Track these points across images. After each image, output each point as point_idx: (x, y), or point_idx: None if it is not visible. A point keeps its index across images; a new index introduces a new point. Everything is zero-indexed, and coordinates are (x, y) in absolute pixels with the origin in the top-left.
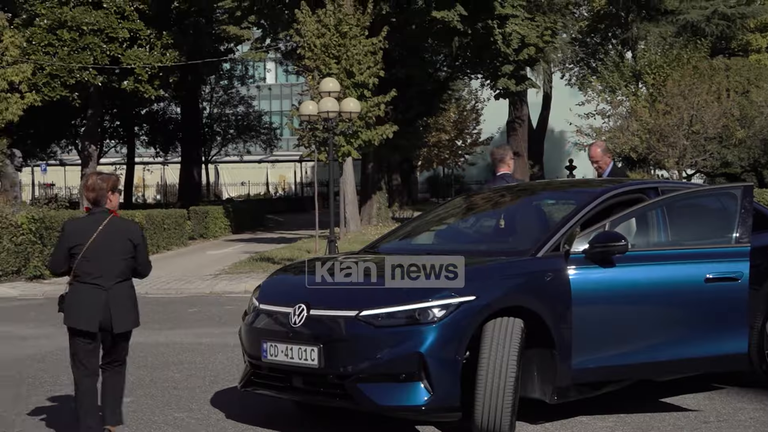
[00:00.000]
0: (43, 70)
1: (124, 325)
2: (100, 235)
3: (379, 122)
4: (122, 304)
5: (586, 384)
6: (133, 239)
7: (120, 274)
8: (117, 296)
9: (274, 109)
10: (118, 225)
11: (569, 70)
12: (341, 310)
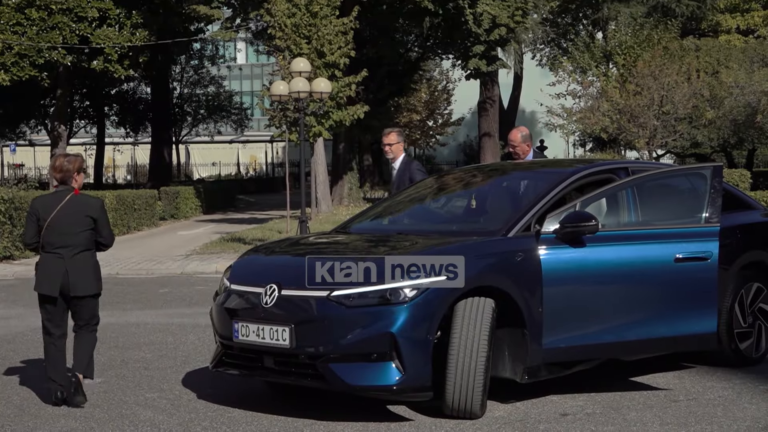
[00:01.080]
0: (11, 50)
1: (82, 289)
2: (61, 210)
3: (350, 102)
4: (80, 270)
5: (557, 363)
6: (92, 214)
7: (80, 244)
8: (76, 264)
9: (244, 90)
10: (78, 201)
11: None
12: (312, 290)
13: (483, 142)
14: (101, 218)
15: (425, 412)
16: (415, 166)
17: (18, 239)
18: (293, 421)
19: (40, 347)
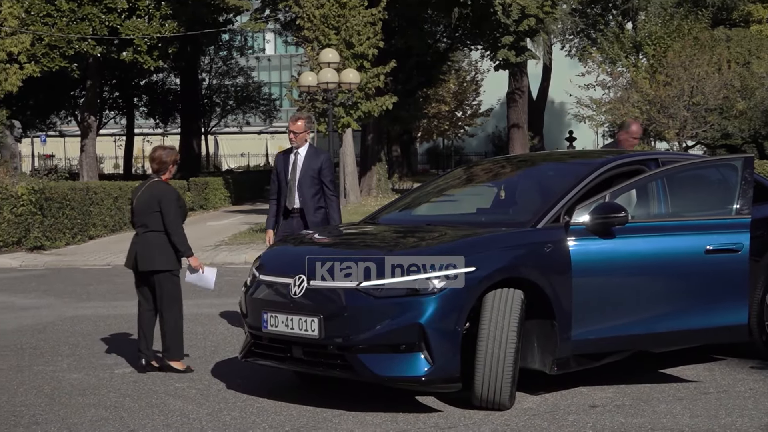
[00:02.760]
0: (41, 41)
1: (142, 265)
2: (142, 194)
3: (379, 93)
4: (146, 248)
5: (586, 355)
6: (160, 199)
7: (149, 224)
8: (143, 242)
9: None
10: (155, 186)
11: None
12: (341, 281)
13: (512, 133)
14: (165, 205)
15: (454, 403)
16: (326, 158)
17: (48, 230)
18: (322, 411)
19: (70, 337)
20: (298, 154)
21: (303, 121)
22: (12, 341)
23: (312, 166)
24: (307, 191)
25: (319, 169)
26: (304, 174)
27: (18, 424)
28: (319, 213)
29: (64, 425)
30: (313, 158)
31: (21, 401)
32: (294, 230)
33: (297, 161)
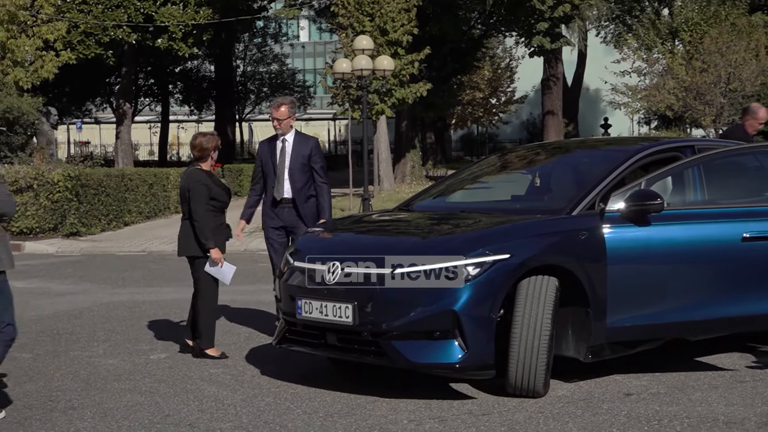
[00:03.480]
0: (77, 28)
1: (181, 250)
2: (180, 182)
3: (413, 80)
4: (183, 235)
5: (621, 342)
6: (190, 188)
7: (185, 212)
8: (183, 229)
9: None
10: (189, 175)
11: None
12: (375, 267)
13: (546, 120)
14: (193, 193)
15: (488, 390)
16: (315, 144)
17: (84, 216)
18: (356, 397)
19: (106, 322)
20: (285, 141)
21: (286, 106)
22: (48, 327)
23: (302, 153)
24: (298, 180)
25: (309, 156)
26: (294, 162)
27: (54, 408)
28: (311, 202)
29: (100, 410)
30: (302, 144)
31: (57, 386)
32: (285, 221)
33: (285, 149)
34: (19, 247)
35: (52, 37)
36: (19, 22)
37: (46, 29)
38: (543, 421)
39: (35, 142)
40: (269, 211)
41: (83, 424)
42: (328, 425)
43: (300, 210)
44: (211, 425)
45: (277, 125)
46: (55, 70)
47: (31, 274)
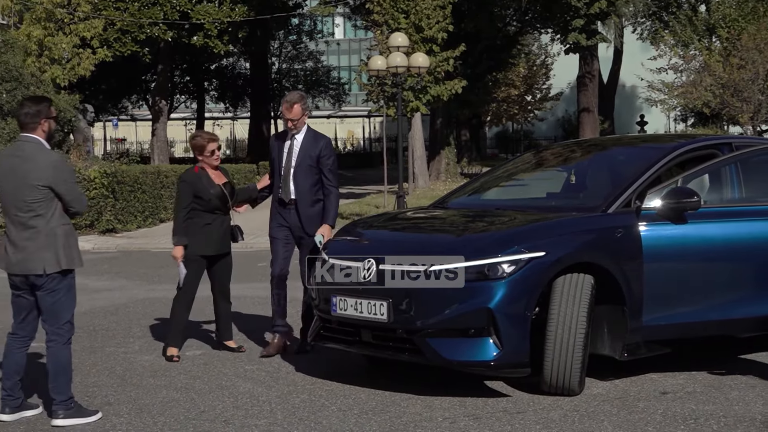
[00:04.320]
0: (114, 26)
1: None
2: None
3: (448, 77)
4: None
5: (657, 341)
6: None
7: None
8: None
9: (342, 65)
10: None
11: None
12: (410, 264)
13: (582, 117)
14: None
15: (523, 388)
16: (326, 144)
17: (120, 213)
18: (390, 394)
19: (142, 319)
20: (294, 138)
21: (299, 105)
22: (85, 323)
23: (310, 153)
24: (302, 181)
25: (318, 157)
26: (301, 162)
27: (90, 404)
28: (317, 206)
29: (136, 406)
30: (311, 144)
31: (94, 382)
32: (291, 225)
33: (293, 147)
34: None
35: (88, 34)
36: (56, 20)
37: (83, 27)
38: (578, 420)
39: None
40: (276, 211)
41: (119, 419)
42: (363, 422)
43: (301, 214)
44: (246, 421)
45: (292, 126)
46: (91, 68)
47: None
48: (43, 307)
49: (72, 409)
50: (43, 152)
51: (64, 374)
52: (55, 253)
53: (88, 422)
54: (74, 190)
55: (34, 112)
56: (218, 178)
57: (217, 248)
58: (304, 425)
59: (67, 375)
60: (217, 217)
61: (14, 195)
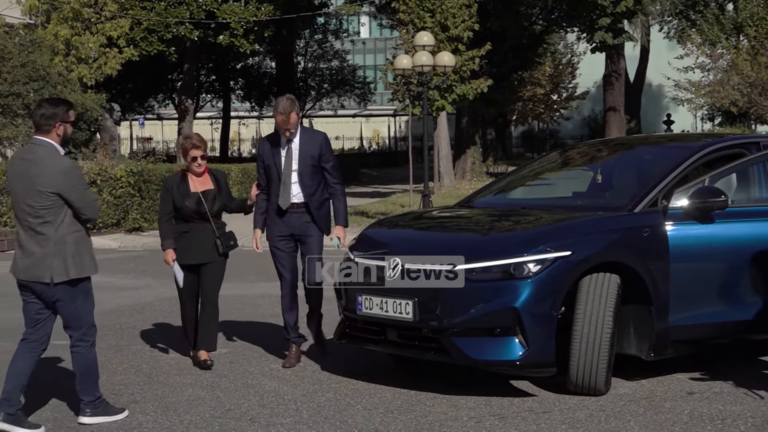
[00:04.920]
0: (140, 25)
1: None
2: None
3: (474, 76)
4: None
5: (683, 341)
6: None
7: None
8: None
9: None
10: None
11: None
12: (436, 264)
13: (608, 116)
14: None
15: (548, 388)
16: (325, 140)
17: (146, 211)
18: (416, 393)
19: (168, 317)
20: (291, 142)
21: (293, 112)
22: (111, 321)
23: (310, 153)
24: (309, 184)
25: (319, 156)
26: (303, 164)
27: (117, 402)
28: (326, 206)
29: (162, 404)
30: (309, 143)
31: (120, 380)
32: (293, 228)
33: (291, 149)
34: None
35: (115, 34)
36: (83, 20)
37: (110, 26)
38: (604, 419)
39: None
40: (275, 218)
41: (145, 417)
42: (389, 421)
43: (314, 215)
44: (271, 420)
45: (288, 134)
46: (118, 67)
47: None
48: (63, 316)
49: (99, 408)
50: (53, 157)
51: (91, 376)
52: (64, 261)
53: (114, 420)
54: (85, 196)
55: (50, 115)
56: (201, 185)
57: (196, 257)
58: (330, 424)
59: (94, 376)
60: (193, 225)
61: (23, 199)
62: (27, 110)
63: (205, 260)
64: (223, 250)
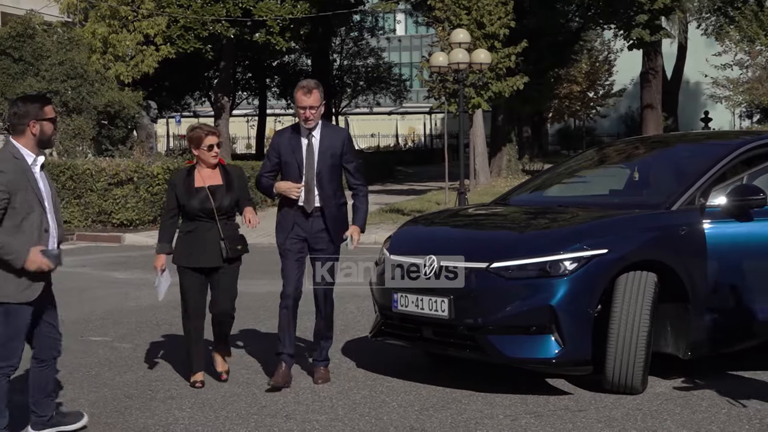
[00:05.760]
0: (177, 23)
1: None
2: None
3: (510, 73)
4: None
5: (721, 340)
6: None
7: None
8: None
9: (404, 61)
10: None
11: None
12: (472, 261)
13: (645, 113)
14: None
15: (585, 386)
16: (347, 137)
17: None
18: (451, 391)
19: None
20: (312, 136)
21: (317, 90)
22: (148, 317)
23: (332, 151)
24: (327, 185)
25: (341, 154)
26: (322, 163)
27: (153, 398)
28: (343, 210)
29: (198, 400)
30: (331, 140)
31: (157, 376)
32: (310, 233)
33: (312, 146)
34: (119, 238)
35: (152, 31)
36: (120, 18)
37: (147, 24)
38: (641, 418)
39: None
40: (293, 220)
41: (182, 413)
42: (424, 419)
43: (328, 221)
44: (307, 416)
45: (310, 116)
46: (155, 65)
47: (131, 265)
48: None
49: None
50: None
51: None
52: None
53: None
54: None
55: (23, 113)
56: (208, 180)
57: (201, 259)
58: (365, 421)
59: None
60: (200, 224)
61: None
62: (65, 108)
63: (211, 264)
64: (227, 254)
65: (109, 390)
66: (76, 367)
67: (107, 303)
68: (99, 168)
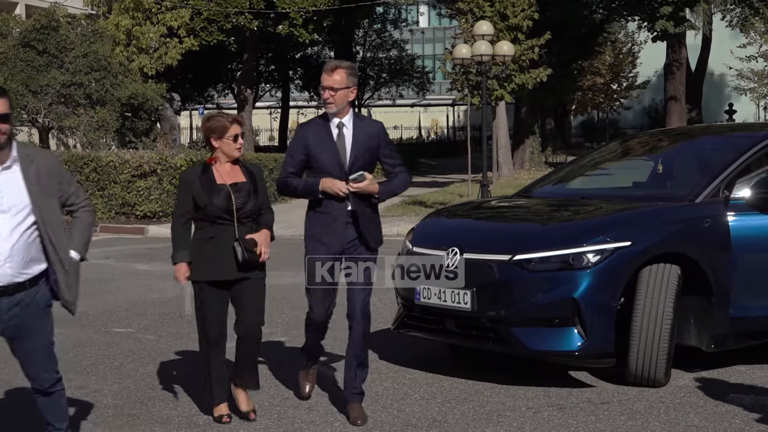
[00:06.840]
0: (200, 15)
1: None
2: None
3: (533, 66)
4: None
5: (745, 333)
6: None
7: None
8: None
9: (426, 53)
10: None
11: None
12: (494, 253)
13: (669, 106)
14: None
15: (608, 379)
16: (383, 129)
17: None
18: (473, 383)
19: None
20: (343, 126)
21: (344, 70)
22: (171, 309)
23: (368, 144)
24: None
25: (377, 147)
26: (356, 159)
27: (177, 389)
28: (376, 218)
29: None
30: (366, 132)
31: (180, 368)
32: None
33: (344, 136)
34: (142, 230)
35: (175, 24)
36: (144, 10)
37: (170, 16)
38: (664, 411)
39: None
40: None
41: (204, 405)
42: (446, 411)
43: (362, 225)
44: (329, 408)
45: (329, 97)
46: (178, 57)
47: (155, 257)
48: None
49: None
50: None
51: None
52: None
53: None
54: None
55: None
56: (229, 177)
57: (226, 272)
58: (387, 413)
59: None
60: (221, 228)
61: None
62: (89, 100)
63: (238, 275)
64: (243, 257)
65: (132, 381)
66: (99, 359)
67: (131, 294)
68: (122, 160)
